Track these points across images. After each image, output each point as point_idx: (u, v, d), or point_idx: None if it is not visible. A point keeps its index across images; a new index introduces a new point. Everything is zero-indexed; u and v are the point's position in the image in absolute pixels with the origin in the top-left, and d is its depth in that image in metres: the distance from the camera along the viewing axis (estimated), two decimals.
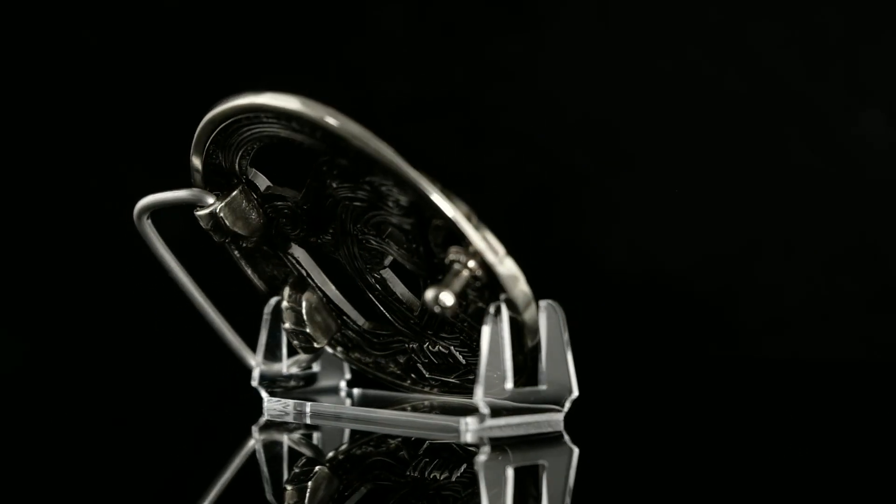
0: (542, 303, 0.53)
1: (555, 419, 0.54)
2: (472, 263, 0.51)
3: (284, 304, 0.57)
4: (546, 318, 0.54)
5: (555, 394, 0.54)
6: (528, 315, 0.52)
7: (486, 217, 0.84)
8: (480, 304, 0.52)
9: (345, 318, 0.58)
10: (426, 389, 0.57)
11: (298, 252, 0.58)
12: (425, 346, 0.56)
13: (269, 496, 0.47)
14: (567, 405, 0.54)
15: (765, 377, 0.75)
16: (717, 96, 0.83)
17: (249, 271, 0.60)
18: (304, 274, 0.58)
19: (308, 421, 0.57)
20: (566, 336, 0.54)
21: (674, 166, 0.84)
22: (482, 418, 0.52)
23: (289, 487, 0.48)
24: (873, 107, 0.83)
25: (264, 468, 0.51)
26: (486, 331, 0.52)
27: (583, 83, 0.84)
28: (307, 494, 0.47)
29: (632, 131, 0.84)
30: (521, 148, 0.84)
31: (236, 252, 0.59)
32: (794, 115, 0.83)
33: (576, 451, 0.52)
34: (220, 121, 0.55)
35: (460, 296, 0.52)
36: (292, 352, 0.59)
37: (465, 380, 0.56)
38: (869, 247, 0.83)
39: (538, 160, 0.84)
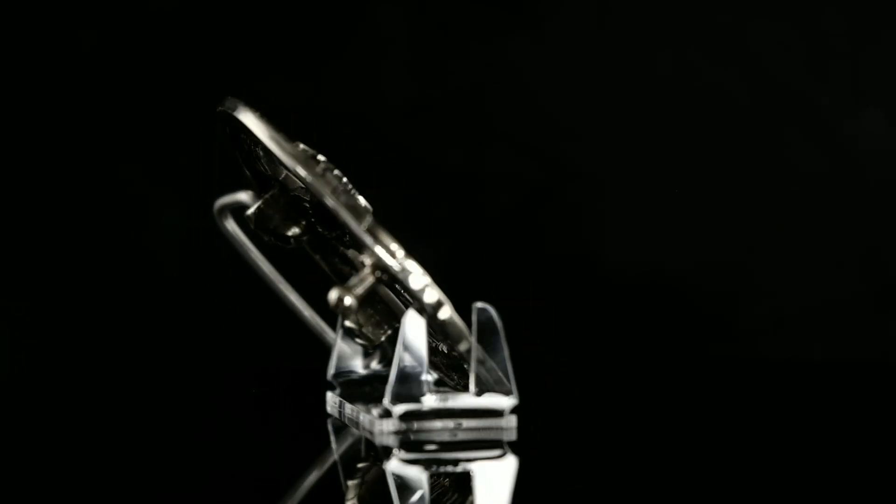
0: (476, 305, 0.52)
1: (496, 425, 0.53)
2: (374, 265, 0.51)
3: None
4: (477, 321, 0.52)
5: (488, 399, 0.53)
6: (442, 317, 0.51)
7: (485, 217, 0.85)
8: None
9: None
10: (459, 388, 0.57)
11: (351, 253, 0.58)
12: (437, 346, 0.57)
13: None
14: (507, 411, 0.53)
15: (765, 378, 0.75)
16: (717, 97, 0.83)
17: (324, 266, 0.60)
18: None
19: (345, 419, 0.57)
20: (503, 339, 0.52)
21: (674, 166, 0.84)
22: (394, 421, 0.52)
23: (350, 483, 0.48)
24: (873, 107, 0.83)
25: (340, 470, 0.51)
26: (401, 332, 0.51)
27: (583, 84, 0.84)
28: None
29: (632, 132, 0.84)
30: (521, 148, 0.84)
31: (308, 247, 0.59)
32: (795, 116, 0.83)
33: (512, 459, 0.51)
34: (223, 125, 0.56)
35: (364, 297, 0.51)
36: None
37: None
38: (869, 248, 0.82)
39: (538, 161, 0.84)
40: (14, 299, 0.84)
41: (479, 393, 0.52)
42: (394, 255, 0.51)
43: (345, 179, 0.55)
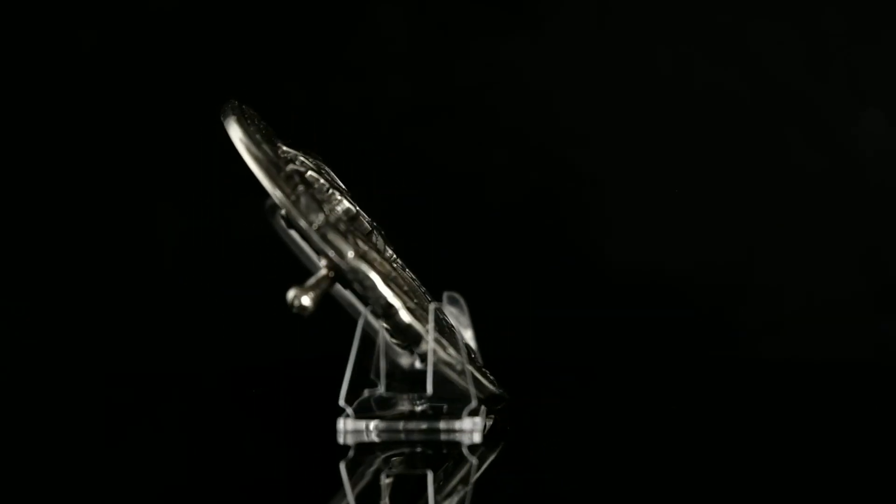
0: (430, 306, 0.52)
1: (454, 427, 0.53)
2: (328, 266, 0.51)
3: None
4: (433, 323, 0.52)
5: (443, 401, 0.53)
6: (395, 318, 0.51)
7: (485, 217, 0.85)
8: None
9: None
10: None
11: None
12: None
13: None
14: (465, 414, 0.52)
15: (764, 378, 0.75)
16: (717, 97, 0.83)
17: None
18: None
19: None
20: (462, 342, 0.52)
21: (674, 166, 0.84)
22: (350, 420, 0.52)
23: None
24: (873, 107, 0.82)
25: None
26: (356, 334, 0.52)
27: (583, 84, 0.84)
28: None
29: (632, 132, 0.84)
30: (522, 149, 0.84)
31: None
32: (795, 116, 0.83)
33: (473, 461, 0.51)
34: None
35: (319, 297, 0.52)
36: None
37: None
38: (869, 247, 0.82)
39: (539, 161, 0.84)
40: (14, 299, 0.84)
41: (428, 396, 0.52)
42: (343, 257, 0.51)
43: (322, 181, 0.55)
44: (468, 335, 0.60)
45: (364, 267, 0.51)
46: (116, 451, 0.55)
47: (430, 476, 0.49)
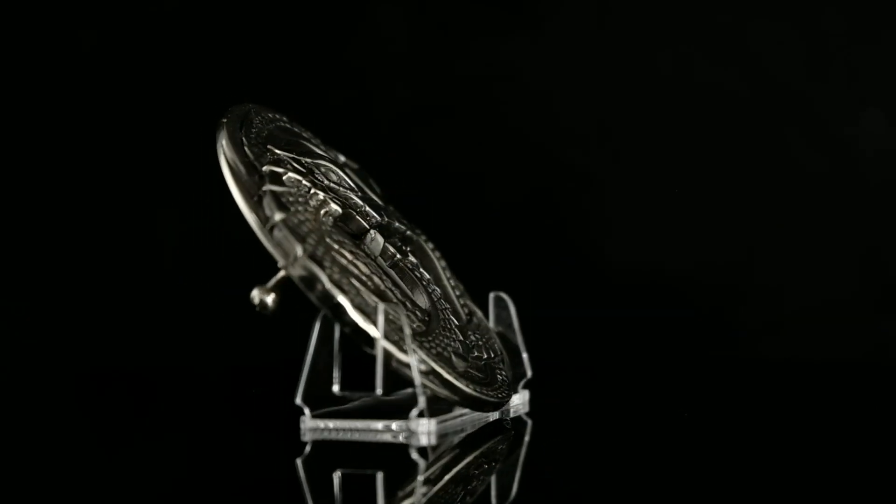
0: (380, 306, 0.52)
1: (408, 428, 0.52)
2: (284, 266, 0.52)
3: None
4: (382, 323, 0.52)
5: (391, 402, 0.53)
6: (343, 318, 0.51)
7: (485, 217, 0.85)
8: None
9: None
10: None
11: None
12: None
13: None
14: (414, 415, 0.52)
15: (764, 378, 0.75)
16: (717, 97, 0.83)
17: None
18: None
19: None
20: (409, 342, 0.52)
21: (674, 166, 0.84)
22: (307, 419, 0.52)
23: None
24: (873, 107, 0.83)
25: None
26: (312, 334, 0.52)
27: (583, 84, 0.84)
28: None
29: (632, 132, 0.84)
30: (522, 149, 0.84)
31: None
32: (795, 116, 0.83)
33: (421, 462, 0.51)
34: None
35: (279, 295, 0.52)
36: None
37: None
38: (869, 247, 0.82)
39: (539, 161, 0.84)
40: (14, 299, 0.84)
41: (376, 396, 0.52)
42: (293, 258, 0.51)
43: (305, 183, 0.55)
44: (518, 338, 0.60)
45: (313, 267, 0.51)
46: (115, 451, 0.55)
47: (379, 476, 0.49)
